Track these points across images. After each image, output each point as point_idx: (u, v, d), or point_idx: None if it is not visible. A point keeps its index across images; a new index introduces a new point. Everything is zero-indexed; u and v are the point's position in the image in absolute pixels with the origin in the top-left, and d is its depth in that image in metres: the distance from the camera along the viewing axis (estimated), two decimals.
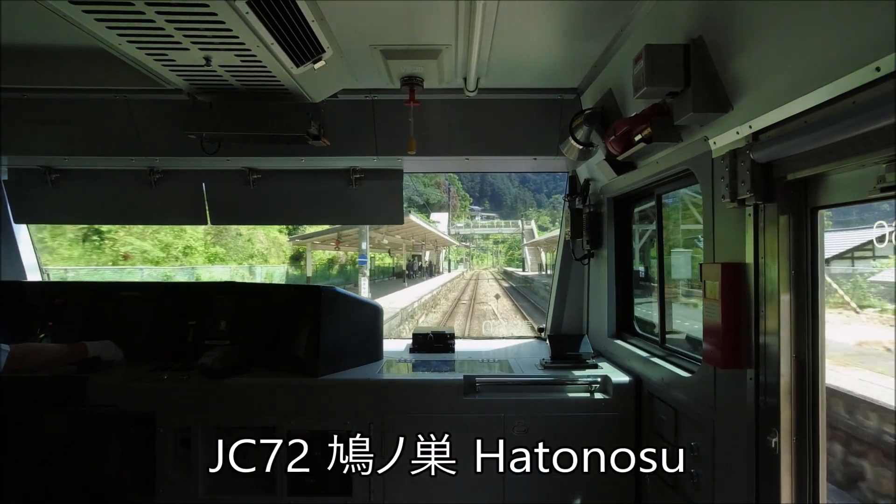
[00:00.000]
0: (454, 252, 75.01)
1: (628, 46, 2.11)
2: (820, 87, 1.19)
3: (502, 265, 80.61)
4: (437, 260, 49.02)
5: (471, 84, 2.56)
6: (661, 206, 2.53)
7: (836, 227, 7.88)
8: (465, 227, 78.28)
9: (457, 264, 75.12)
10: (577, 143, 2.51)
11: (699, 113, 1.61)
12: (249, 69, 2.19)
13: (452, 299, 30.25)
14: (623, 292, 2.90)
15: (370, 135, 2.95)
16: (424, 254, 48.10)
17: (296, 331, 2.70)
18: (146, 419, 2.41)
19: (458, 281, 47.99)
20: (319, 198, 3.25)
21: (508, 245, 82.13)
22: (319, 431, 2.44)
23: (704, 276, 1.72)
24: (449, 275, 53.69)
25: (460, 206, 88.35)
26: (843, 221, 7.68)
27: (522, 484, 2.40)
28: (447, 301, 29.13)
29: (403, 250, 40.36)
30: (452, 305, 26.91)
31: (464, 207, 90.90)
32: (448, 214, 70.44)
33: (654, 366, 2.30)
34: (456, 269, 69.80)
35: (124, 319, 2.86)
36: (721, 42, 1.54)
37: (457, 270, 67.56)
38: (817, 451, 1.46)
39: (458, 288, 40.04)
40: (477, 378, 2.48)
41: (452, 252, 73.83)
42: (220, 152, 2.78)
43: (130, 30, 1.83)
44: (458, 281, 47.99)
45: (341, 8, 1.92)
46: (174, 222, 13.65)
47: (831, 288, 8.13)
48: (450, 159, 3.13)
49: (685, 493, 2.03)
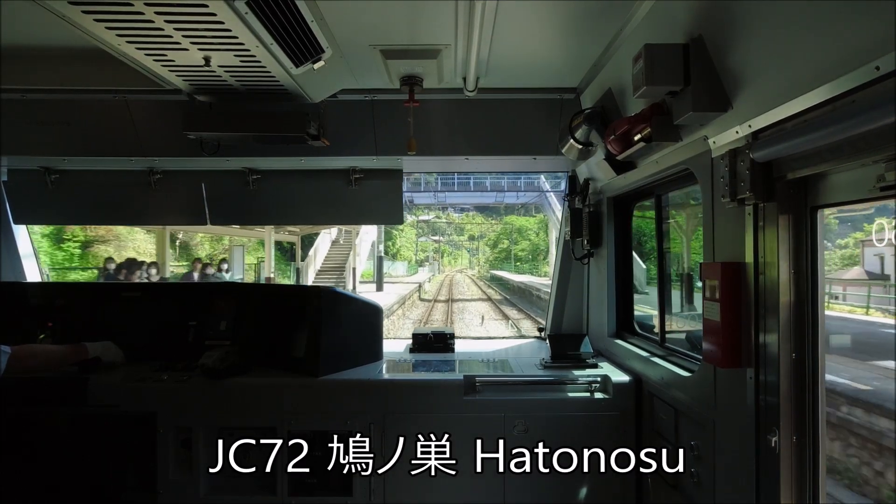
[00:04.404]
0: (406, 246, 50.53)
1: (628, 46, 2.10)
2: (820, 87, 1.19)
3: (483, 265, 57.37)
4: (353, 260, 23.65)
5: (470, 84, 2.55)
6: (661, 206, 2.53)
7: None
8: (436, 219, 56.69)
9: (415, 267, 49.72)
10: (576, 142, 2.51)
11: (699, 112, 1.61)
12: (249, 69, 2.19)
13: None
14: (623, 292, 2.90)
15: (370, 135, 2.95)
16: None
17: (296, 331, 2.70)
18: (147, 419, 2.41)
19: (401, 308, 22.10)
20: (319, 198, 3.25)
21: (496, 238, 55.38)
22: (320, 431, 2.44)
23: (704, 276, 1.72)
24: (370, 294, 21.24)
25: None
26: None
27: (522, 484, 2.40)
28: None
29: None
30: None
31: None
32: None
33: (654, 365, 2.30)
34: (411, 274, 44.25)
35: (125, 320, 2.86)
36: (721, 41, 1.54)
37: (411, 277, 41.01)
38: (817, 451, 1.46)
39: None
40: (477, 378, 2.48)
41: (403, 245, 49.76)
42: (219, 152, 2.78)
43: (129, 30, 1.83)
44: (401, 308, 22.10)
45: (341, 8, 1.92)
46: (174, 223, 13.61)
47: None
48: (449, 159, 3.13)
49: (686, 493, 2.03)
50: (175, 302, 2.94)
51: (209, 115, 2.52)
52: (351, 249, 24.82)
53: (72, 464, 2.45)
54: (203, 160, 2.91)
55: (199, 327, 2.85)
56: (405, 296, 24.53)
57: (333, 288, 2.81)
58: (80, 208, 3.32)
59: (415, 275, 43.58)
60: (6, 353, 2.13)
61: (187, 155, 2.92)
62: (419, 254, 55.27)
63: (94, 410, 2.40)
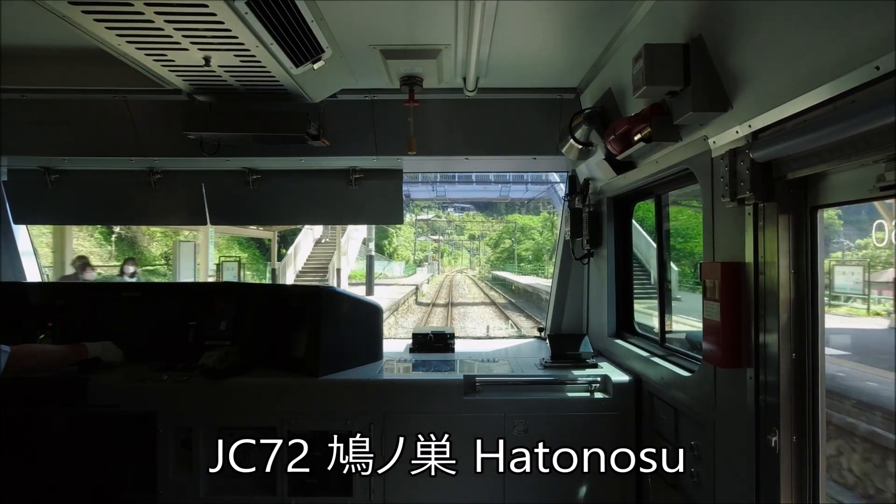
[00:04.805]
0: (404, 245, 48.33)
1: (628, 46, 2.10)
2: (820, 87, 1.19)
3: (484, 265, 55.63)
4: (337, 260, 22.43)
5: (470, 84, 2.56)
6: (661, 206, 2.53)
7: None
8: (435, 218, 55.98)
9: (413, 267, 46.84)
10: (576, 142, 2.51)
11: (699, 112, 1.61)
12: (249, 69, 2.19)
13: None
14: (623, 292, 2.91)
15: (370, 135, 2.95)
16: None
17: (296, 331, 2.70)
18: (147, 419, 2.41)
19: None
20: (319, 198, 3.26)
21: (498, 237, 53.53)
22: (319, 431, 2.44)
23: (704, 276, 1.72)
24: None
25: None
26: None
27: (522, 484, 2.40)
28: None
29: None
30: None
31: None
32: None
33: (654, 365, 2.30)
34: (409, 275, 41.16)
35: (124, 320, 2.86)
36: (720, 41, 1.54)
37: (408, 278, 37.38)
38: (817, 451, 1.46)
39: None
40: (477, 378, 2.48)
41: (401, 244, 47.70)
42: (219, 152, 2.79)
43: (129, 30, 1.83)
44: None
45: (341, 8, 1.92)
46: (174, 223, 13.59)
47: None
48: (449, 159, 3.13)
49: (686, 493, 2.03)
50: (175, 302, 2.94)
51: (209, 115, 2.52)
52: (336, 249, 22.59)
53: (72, 464, 2.45)
54: (203, 160, 2.91)
55: (199, 327, 2.85)
56: (399, 300, 22.08)
57: (333, 288, 2.81)
58: (80, 208, 3.32)
59: (413, 276, 40.86)
60: (5, 353, 2.13)
61: (187, 155, 2.92)
62: (417, 253, 52.95)
63: (94, 410, 2.40)
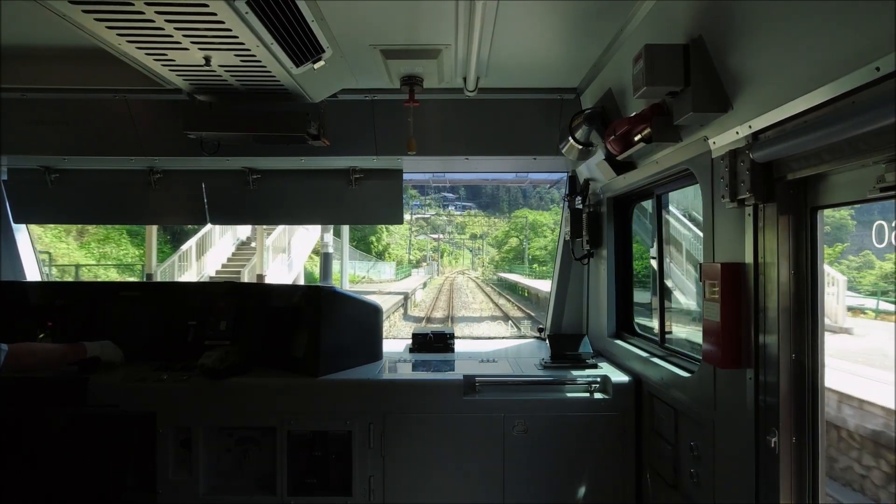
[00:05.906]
0: (398, 243, 43.11)
1: (628, 46, 2.11)
2: (820, 87, 1.19)
3: (488, 266, 50.75)
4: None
5: (470, 84, 2.56)
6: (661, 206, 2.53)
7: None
8: (435, 216, 53.32)
9: (407, 269, 42.42)
10: (576, 142, 2.51)
11: (699, 113, 1.61)
12: (249, 69, 2.19)
13: None
14: (623, 292, 2.91)
15: (370, 135, 2.95)
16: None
17: (296, 331, 2.70)
18: (147, 419, 2.41)
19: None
20: (319, 198, 3.26)
21: (504, 235, 48.21)
22: (319, 431, 2.44)
23: (704, 276, 1.72)
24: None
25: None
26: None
27: (522, 484, 2.40)
28: None
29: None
30: None
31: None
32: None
33: (653, 366, 2.30)
34: (400, 278, 35.11)
35: (124, 319, 2.86)
36: (721, 42, 1.54)
37: (398, 283, 31.01)
38: (817, 451, 1.46)
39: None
40: (477, 378, 2.48)
41: (395, 242, 42.38)
42: (219, 152, 2.79)
43: (130, 30, 1.83)
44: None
45: (341, 8, 1.92)
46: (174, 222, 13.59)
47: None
48: (449, 159, 3.13)
49: (685, 493, 2.03)
50: (175, 302, 2.94)
51: (209, 114, 2.52)
52: (258, 252, 15.35)
53: (72, 463, 2.45)
54: (203, 160, 2.92)
55: (198, 327, 2.85)
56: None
57: (333, 287, 2.81)
58: (80, 208, 3.32)
59: (405, 279, 35.09)
60: (4, 351, 2.13)
61: (187, 154, 2.92)
62: (414, 252, 49.06)
63: (94, 410, 2.40)
